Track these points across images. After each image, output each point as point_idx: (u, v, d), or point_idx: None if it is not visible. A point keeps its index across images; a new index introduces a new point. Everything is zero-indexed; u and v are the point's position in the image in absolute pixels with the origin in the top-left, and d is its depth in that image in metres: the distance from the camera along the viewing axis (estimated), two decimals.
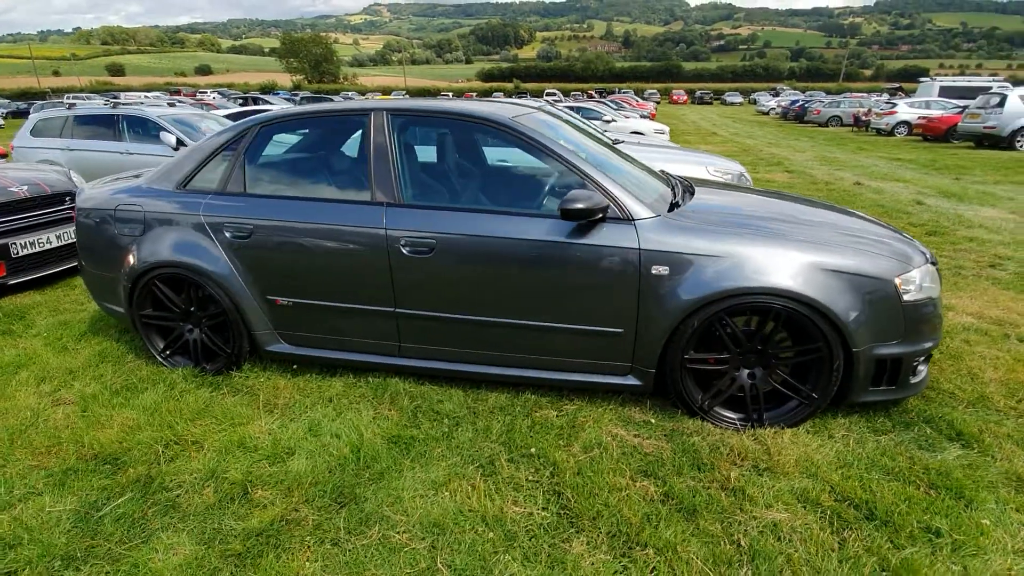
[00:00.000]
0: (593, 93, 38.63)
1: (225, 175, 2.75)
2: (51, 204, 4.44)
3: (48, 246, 4.32)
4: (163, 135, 7.09)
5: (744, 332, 2.29)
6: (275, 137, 2.79)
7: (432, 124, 3.03)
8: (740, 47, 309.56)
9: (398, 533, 1.83)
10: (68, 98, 31.67)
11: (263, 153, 2.80)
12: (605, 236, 2.30)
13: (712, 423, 2.38)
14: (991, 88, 23.23)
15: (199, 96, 35.20)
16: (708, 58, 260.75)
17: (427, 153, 3.02)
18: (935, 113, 19.04)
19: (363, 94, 51.91)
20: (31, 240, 4.19)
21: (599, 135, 4.39)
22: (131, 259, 2.83)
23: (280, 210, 2.63)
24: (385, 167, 2.54)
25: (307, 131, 3.00)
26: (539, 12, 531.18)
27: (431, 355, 2.64)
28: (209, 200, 2.73)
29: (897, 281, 2.20)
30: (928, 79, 27.56)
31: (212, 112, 9.41)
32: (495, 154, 3.23)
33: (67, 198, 4.55)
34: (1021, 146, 14.29)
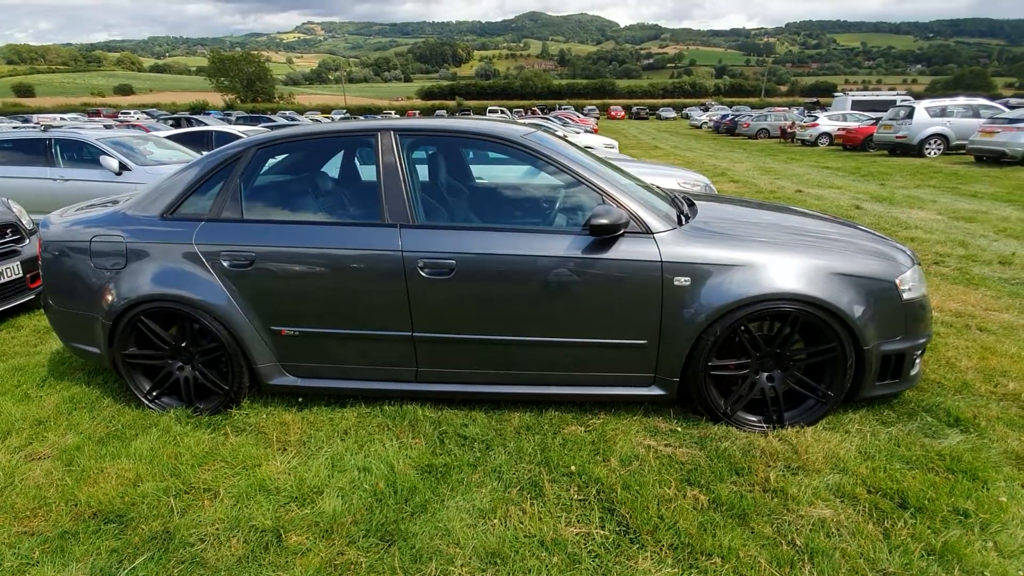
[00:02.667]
0: (537, 110, 39.45)
1: (219, 200, 2.59)
2: None
3: None
4: (104, 159, 6.62)
5: (762, 337, 2.38)
6: (272, 159, 2.66)
7: (442, 143, 2.98)
8: (668, 65, 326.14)
9: (457, 567, 1.75)
10: None
11: (260, 176, 2.66)
12: (627, 250, 2.34)
13: (736, 427, 2.44)
14: (896, 101, 25.64)
15: (122, 117, 33.12)
16: (639, 75, 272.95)
17: (436, 172, 2.97)
18: (852, 125, 20.73)
19: (301, 113, 50.65)
20: None
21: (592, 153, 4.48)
22: (111, 295, 2.60)
23: (284, 235, 2.50)
24: (396, 187, 2.48)
25: (306, 152, 2.88)
26: (476, 31, 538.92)
27: (451, 378, 2.57)
28: (202, 227, 2.56)
29: (897, 282, 2.36)
30: (842, 94, 30.08)
31: (154, 134, 8.87)
32: (498, 172, 3.22)
33: (8, 230, 4.13)
34: (929, 153, 15.81)
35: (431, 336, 2.48)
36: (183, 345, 2.67)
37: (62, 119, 29.90)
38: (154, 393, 2.75)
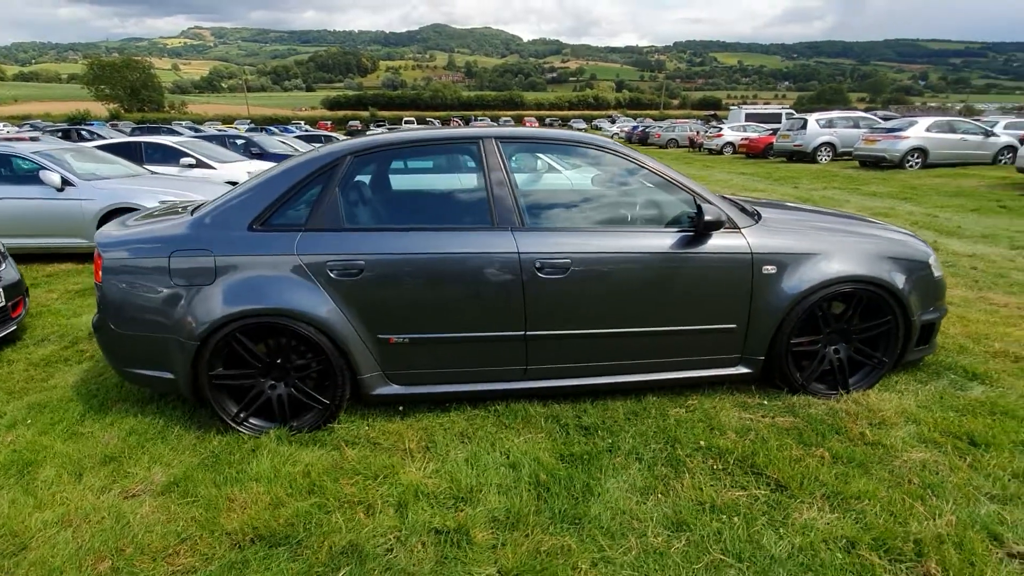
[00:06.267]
0: (459, 121, 39.64)
1: (317, 210, 2.53)
2: None
3: None
4: (44, 174, 5.93)
5: (833, 315, 2.75)
6: (368, 167, 2.64)
7: (538, 149, 3.09)
8: (571, 79, 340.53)
9: (652, 538, 1.90)
10: None
11: (357, 183, 2.63)
12: (723, 244, 2.61)
13: (811, 396, 2.78)
14: (782, 115, 28.75)
15: None
16: (544, 88, 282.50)
17: (528, 178, 3.07)
18: (753, 135, 23.03)
19: (200, 123, 47.08)
20: None
21: None
22: (199, 313, 2.44)
23: (393, 243, 2.50)
24: (504, 192, 2.57)
25: (403, 159, 2.87)
26: (380, 41, 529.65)
27: (559, 374, 2.69)
28: (303, 237, 2.49)
29: (930, 261, 2.84)
30: (737, 107, 33.22)
31: (82, 145, 7.99)
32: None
33: None
34: (821, 159, 17.98)
35: (543, 334, 2.59)
36: (278, 362, 2.56)
37: None
38: (242, 415, 2.60)
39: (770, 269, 2.63)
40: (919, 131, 14.42)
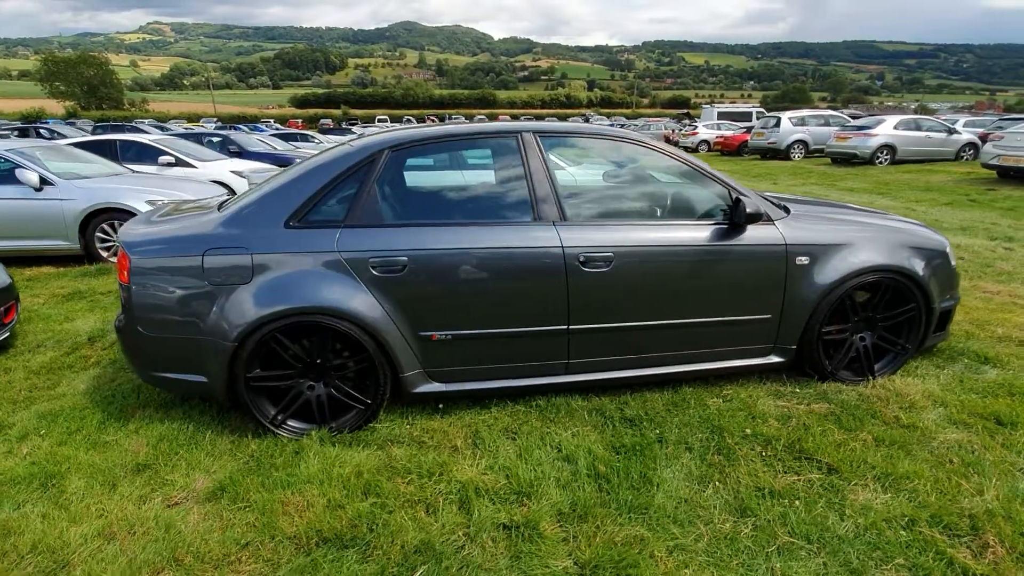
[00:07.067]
0: (435, 119, 39.37)
1: (356, 205, 2.48)
2: None
3: None
4: (21, 173, 5.65)
5: (860, 303, 2.83)
6: (407, 161, 2.60)
7: (577, 144, 3.08)
8: (542, 77, 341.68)
9: (721, 523, 1.92)
10: None
11: (397, 178, 2.58)
12: (758, 236, 2.66)
13: (840, 382, 2.87)
14: (752, 113, 29.46)
15: None
16: (516, 87, 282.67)
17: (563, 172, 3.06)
18: (728, 133, 23.54)
19: (164, 121, 45.48)
20: None
21: None
22: (236, 313, 2.36)
23: (437, 238, 2.46)
24: (545, 185, 2.57)
25: (441, 153, 2.83)
26: (348, 39, 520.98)
27: (600, 367, 2.70)
28: (343, 234, 2.43)
29: (948, 251, 2.95)
30: (709, 106, 33.95)
31: (58, 143, 7.61)
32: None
33: None
34: (794, 156, 18.51)
35: (585, 328, 2.60)
36: (317, 361, 2.50)
37: None
38: (279, 417, 2.53)
39: (803, 260, 2.70)
40: (888, 129, 14.99)
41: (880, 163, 14.86)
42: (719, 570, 1.74)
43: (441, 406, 2.72)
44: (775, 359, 2.84)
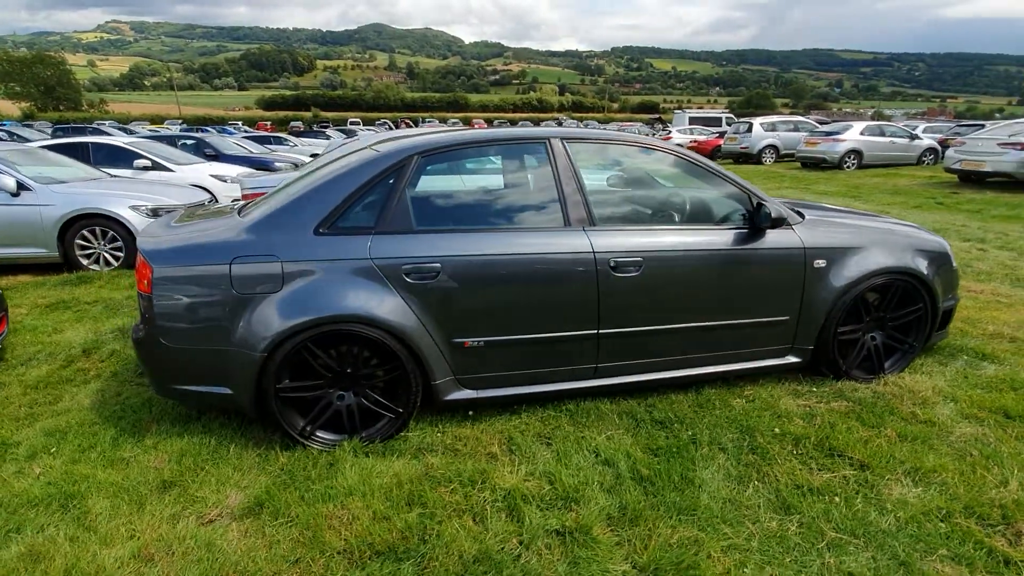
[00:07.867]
0: (409, 123, 39.10)
1: (386, 211, 2.45)
2: None
3: None
4: None
5: (870, 305, 2.94)
6: (435, 166, 2.58)
7: (603, 150, 3.09)
8: (513, 81, 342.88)
9: (767, 522, 1.97)
10: None
11: (427, 184, 2.56)
12: (779, 240, 2.74)
13: (853, 381, 2.97)
14: (722, 119, 30.21)
15: None
16: (488, 90, 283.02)
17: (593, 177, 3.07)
18: (701, 138, 24.06)
19: (126, 123, 43.90)
20: None
21: None
22: (266, 323, 2.30)
23: (469, 244, 2.45)
24: (574, 192, 2.59)
25: (470, 159, 2.81)
26: (317, 40, 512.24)
27: (627, 370, 2.73)
28: (375, 240, 2.40)
29: (949, 252, 3.09)
30: (680, 111, 34.65)
31: (29, 145, 7.26)
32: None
33: None
34: (766, 160, 19.06)
35: (615, 332, 2.62)
36: (348, 371, 2.45)
37: None
38: (308, 428, 2.47)
39: (820, 263, 2.79)
40: (855, 135, 15.59)
41: (848, 167, 15.44)
42: (775, 567, 1.78)
43: (471, 413, 2.71)
44: (792, 359, 2.92)
